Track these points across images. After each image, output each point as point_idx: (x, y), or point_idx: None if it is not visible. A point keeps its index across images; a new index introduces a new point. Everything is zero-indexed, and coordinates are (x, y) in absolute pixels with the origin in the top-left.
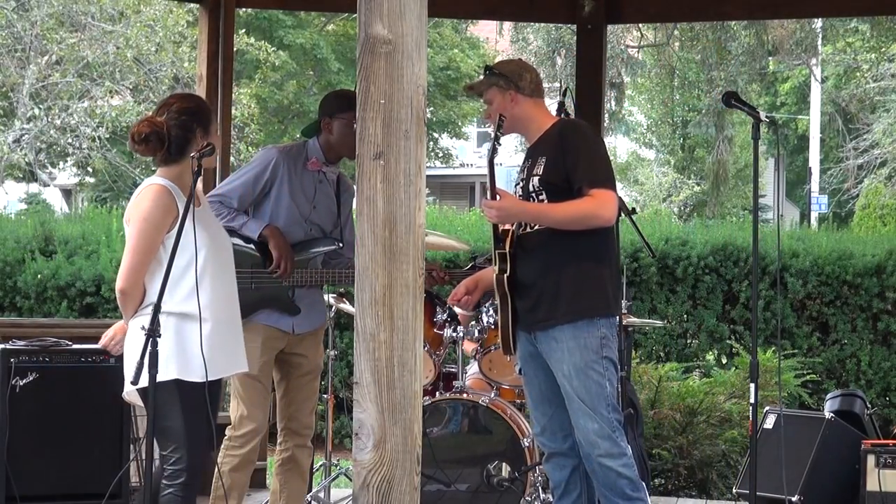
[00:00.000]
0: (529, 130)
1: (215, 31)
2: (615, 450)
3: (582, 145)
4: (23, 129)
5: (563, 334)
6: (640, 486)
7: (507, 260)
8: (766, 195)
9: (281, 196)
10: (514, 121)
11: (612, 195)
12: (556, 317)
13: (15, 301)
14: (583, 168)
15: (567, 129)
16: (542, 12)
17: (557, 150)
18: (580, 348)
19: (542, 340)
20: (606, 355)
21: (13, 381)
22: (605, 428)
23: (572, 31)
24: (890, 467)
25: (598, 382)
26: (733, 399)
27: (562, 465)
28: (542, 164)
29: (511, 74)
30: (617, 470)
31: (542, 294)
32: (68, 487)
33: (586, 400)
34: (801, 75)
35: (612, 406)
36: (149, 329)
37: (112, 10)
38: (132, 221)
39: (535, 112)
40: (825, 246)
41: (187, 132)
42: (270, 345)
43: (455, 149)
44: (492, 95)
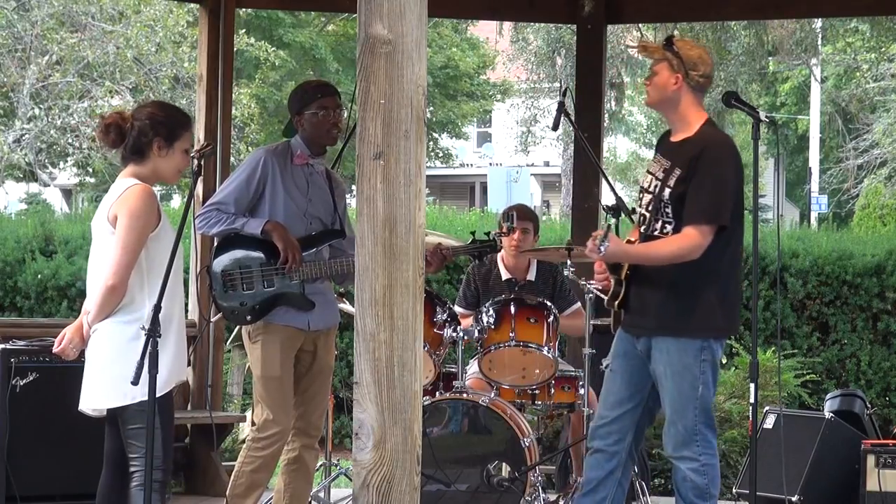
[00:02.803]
0: (675, 120)
1: (215, 31)
2: (687, 453)
3: (711, 176)
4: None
5: (666, 342)
6: (706, 495)
7: (621, 285)
8: (766, 195)
9: (276, 193)
10: (667, 102)
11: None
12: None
13: (15, 301)
14: (696, 203)
15: (709, 151)
16: (542, 12)
17: (690, 171)
18: (679, 351)
19: (644, 344)
20: (705, 358)
21: (13, 381)
22: (684, 433)
23: (572, 31)
24: (890, 467)
25: (691, 385)
26: (733, 399)
27: (600, 465)
28: (675, 178)
29: (687, 60)
30: (684, 473)
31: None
32: (68, 487)
33: (676, 402)
34: (801, 75)
35: (701, 409)
36: (149, 329)
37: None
38: (121, 218)
39: (689, 106)
40: (825, 246)
41: (143, 137)
42: (289, 344)
43: (455, 149)
44: (659, 69)
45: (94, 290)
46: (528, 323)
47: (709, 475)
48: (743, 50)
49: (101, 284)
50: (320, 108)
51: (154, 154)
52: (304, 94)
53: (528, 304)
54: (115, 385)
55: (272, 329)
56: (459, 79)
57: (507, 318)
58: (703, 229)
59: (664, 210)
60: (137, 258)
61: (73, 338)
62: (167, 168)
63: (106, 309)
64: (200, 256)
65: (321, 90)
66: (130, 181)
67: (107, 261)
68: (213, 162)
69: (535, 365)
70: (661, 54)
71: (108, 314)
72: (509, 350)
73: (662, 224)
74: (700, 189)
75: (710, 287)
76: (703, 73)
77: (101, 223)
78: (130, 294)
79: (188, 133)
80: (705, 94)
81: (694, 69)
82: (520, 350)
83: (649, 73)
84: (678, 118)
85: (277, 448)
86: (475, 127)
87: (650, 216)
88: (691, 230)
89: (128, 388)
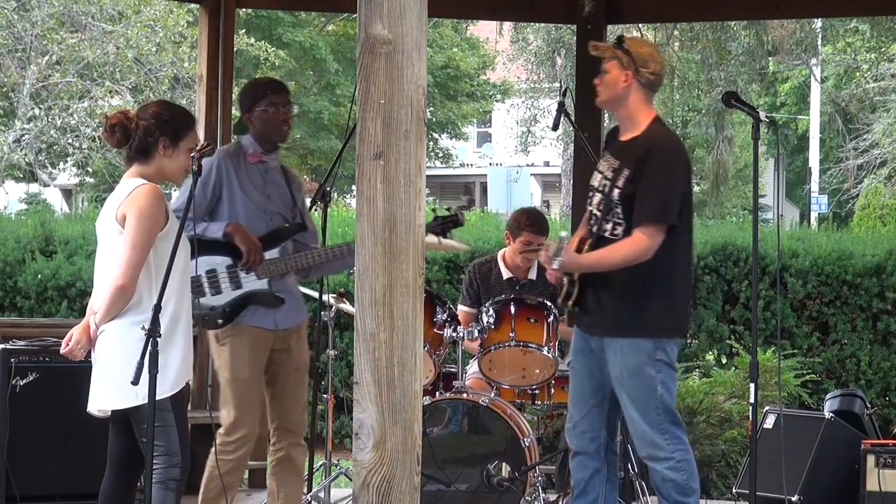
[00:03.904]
0: (624, 118)
1: (215, 31)
2: (659, 453)
3: (659, 177)
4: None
5: (619, 343)
6: (688, 490)
7: (574, 284)
8: (766, 195)
9: (233, 194)
10: (616, 100)
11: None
12: (617, 328)
13: (15, 301)
14: (643, 204)
15: (655, 151)
16: (542, 12)
17: (638, 171)
18: (634, 351)
19: (598, 343)
20: (660, 358)
21: (13, 381)
22: (650, 432)
23: (572, 31)
24: (890, 467)
25: (648, 385)
26: (733, 399)
27: (585, 466)
28: (624, 178)
29: (637, 57)
30: (661, 473)
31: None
32: (68, 487)
33: (636, 403)
34: (801, 75)
35: (663, 408)
36: (149, 329)
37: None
38: (130, 218)
39: (639, 104)
40: (825, 246)
41: (149, 136)
42: (258, 346)
43: (455, 149)
44: (610, 67)
45: (101, 289)
46: (528, 323)
47: (686, 470)
48: (743, 50)
49: (111, 284)
50: (270, 105)
51: (159, 154)
52: (253, 92)
53: (528, 304)
54: (126, 386)
55: (240, 331)
56: (459, 79)
57: (507, 317)
58: (652, 230)
59: (614, 210)
60: (147, 258)
61: (80, 338)
62: (172, 167)
63: (115, 309)
64: None
65: (270, 87)
66: (137, 181)
67: (115, 260)
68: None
69: (535, 365)
70: (611, 52)
71: (116, 314)
72: (509, 350)
73: (613, 225)
74: (648, 190)
75: (660, 287)
76: (653, 71)
77: (108, 223)
78: (139, 294)
79: (193, 132)
80: (655, 93)
81: (644, 66)
82: (520, 350)
83: (601, 72)
84: (627, 116)
85: (247, 450)
86: (475, 127)
87: (601, 216)
88: (639, 233)
89: (139, 387)
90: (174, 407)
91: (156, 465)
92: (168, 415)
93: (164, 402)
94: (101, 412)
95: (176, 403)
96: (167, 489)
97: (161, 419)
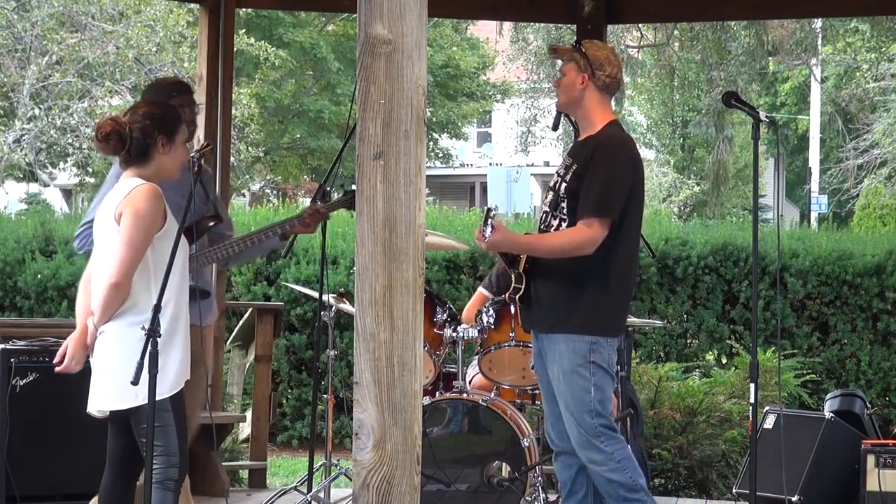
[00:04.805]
0: (582, 120)
1: (215, 31)
2: (598, 456)
3: (601, 171)
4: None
5: (556, 342)
6: (636, 487)
7: (522, 280)
8: (766, 195)
9: None
10: (574, 102)
11: (596, 228)
12: (554, 324)
13: (15, 301)
14: (589, 197)
15: (601, 148)
16: (542, 12)
17: (584, 166)
18: (569, 352)
19: (543, 341)
20: (594, 360)
21: (13, 381)
22: (585, 435)
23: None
24: (890, 467)
25: (582, 387)
26: (733, 399)
27: (568, 465)
28: (572, 173)
29: (594, 60)
30: (605, 476)
31: (546, 301)
32: (68, 487)
33: (570, 405)
34: (801, 75)
35: (596, 412)
36: (149, 329)
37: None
38: (126, 217)
39: (596, 107)
40: (825, 246)
41: (147, 137)
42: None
43: (455, 149)
44: (567, 69)
45: (98, 289)
46: None
47: (629, 468)
48: (743, 50)
49: (105, 283)
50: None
51: (159, 152)
52: (159, 93)
53: None
54: (126, 386)
55: None
56: (459, 79)
57: (506, 317)
58: (593, 223)
59: (560, 206)
60: (142, 257)
61: (74, 353)
62: (171, 163)
63: (110, 309)
64: None
65: (176, 88)
66: (136, 181)
67: (110, 259)
68: (213, 162)
69: None
70: (568, 55)
71: (112, 313)
72: (509, 350)
73: (559, 221)
74: (591, 184)
75: (599, 284)
76: (610, 74)
77: (106, 222)
78: (137, 294)
79: (183, 125)
80: (612, 96)
81: (600, 69)
82: (520, 350)
83: (559, 75)
84: (584, 117)
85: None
86: (475, 127)
87: (549, 212)
88: (581, 224)
89: (139, 388)
90: (173, 407)
91: (155, 465)
92: (167, 415)
93: (164, 403)
94: (101, 412)
95: (175, 404)
96: (166, 489)
97: (160, 419)
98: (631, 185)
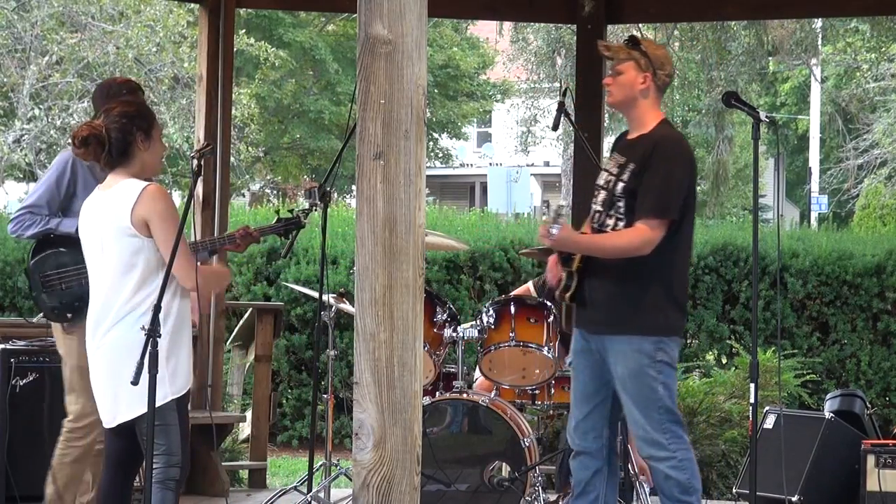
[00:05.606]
0: (635, 118)
1: (215, 31)
2: (661, 453)
3: (662, 171)
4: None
5: (619, 343)
6: (690, 489)
7: (573, 278)
8: (766, 195)
9: (89, 191)
10: (630, 101)
11: (656, 229)
12: (615, 326)
13: (15, 301)
14: (648, 197)
15: (661, 147)
16: (542, 12)
17: (643, 166)
18: (635, 353)
19: (598, 342)
20: (661, 359)
21: (13, 381)
22: (651, 432)
23: (572, 31)
24: (890, 467)
25: (650, 387)
26: (733, 399)
27: (586, 465)
28: (629, 172)
29: (655, 59)
30: (664, 472)
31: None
32: None
33: (638, 404)
34: (801, 75)
35: (665, 408)
36: (149, 329)
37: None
38: (154, 224)
39: (651, 106)
40: (825, 246)
41: (127, 135)
42: None
43: (455, 149)
44: (626, 68)
45: (98, 297)
46: (528, 323)
47: (688, 469)
48: (743, 50)
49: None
50: None
51: (139, 149)
52: (108, 92)
53: (528, 304)
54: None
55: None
56: (459, 79)
57: (506, 317)
58: (653, 224)
59: (616, 205)
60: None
61: None
62: (153, 159)
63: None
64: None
65: (126, 86)
66: (136, 182)
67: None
68: (213, 162)
69: (535, 365)
70: (626, 53)
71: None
72: (509, 350)
73: (615, 220)
74: (650, 184)
75: (660, 285)
76: (668, 73)
77: (111, 226)
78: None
79: (156, 119)
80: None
81: (661, 68)
82: (520, 350)
83: (612, 72)
84: (637, 116)
85: (94, 436)
86: (475, 127)
87: (602, 211)
88: (641, 224)
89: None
90: (178, 407)
91: (156, 464)
92: (172, 414)
93: (170, 402)
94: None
95: (180, 404)
96: (166, 489)
97: (164, 419)
98: (689, 184)
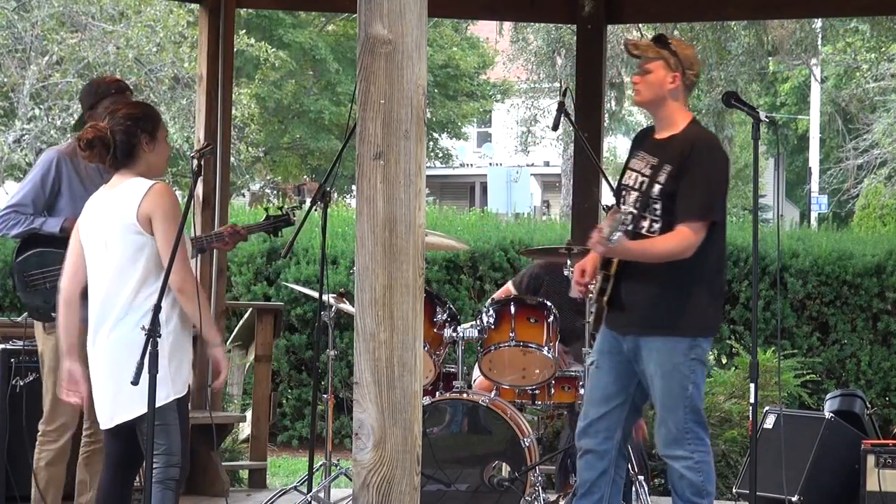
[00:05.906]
0: (663, 118)
1: (215, 31)
2: (679, 452)
3: (702, 173)
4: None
5: (654, 342)
6: (703, 492)
7: (609, 281)
8: (766, 195)
9: (73, 190)
10: (659, 100)
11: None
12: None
13: (15, 301)
14: (689, 200)
15: (699, 148)
16: (542, 12)
17: (681, 167)
18: (669, 351)
19: (631, 343)
20: (695, 357)
21: (13, 381)
22: (674, 431)
23: (572, 31)
24: (890, 467)
25: (681, 384)
26: (733, 399)
27: (592, 465)
28: (666, 174)
29: (685, 59)
30: (679, 471)
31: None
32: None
33: (666, 401)
34: (801, 75)
35: (691, 407)
36: (149, 329)
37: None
38: (157, 221)
39: (680, 105)
40: (825, 246)
41: (132, 137)
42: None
43: (455, 149)
44: (655, 67)
45: (98, 295)
46: (528, 323)
47: (704, 472)
48: (743, 50)
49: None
50: (112, 105)
51: (144, 151)
52: (96, 90)
53: (528, 304)
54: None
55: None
56: (459, 79)
57: (506, 317)
58: (697, 226)
59: (652, 207)
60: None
61: None
62: (157, 161)
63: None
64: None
65: (114, 86)
66: (143, 180)
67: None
68: (213, 162)
69: (535, 365)
70: (655, 52)
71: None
72: (509, 350)
73: (650, 222)
74: (692, 186)
75: (699, 285)
76: (697, 73)
77: (120, 222)
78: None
79: (162, 121)
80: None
81: (690, 68)
82: (520, 350)
83: (640, 71)
84: (667, 115)
85: (68, 439)
86: (475, 127)
87: (637, 213)
88: (685, 228)
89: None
90: (179, 408)
91: (155, 464)
92: (172, 414)
93: (171, 402)
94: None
95: (181, 404)
96: (166, 489)
97: (165, 419)
98: (728, 185)
